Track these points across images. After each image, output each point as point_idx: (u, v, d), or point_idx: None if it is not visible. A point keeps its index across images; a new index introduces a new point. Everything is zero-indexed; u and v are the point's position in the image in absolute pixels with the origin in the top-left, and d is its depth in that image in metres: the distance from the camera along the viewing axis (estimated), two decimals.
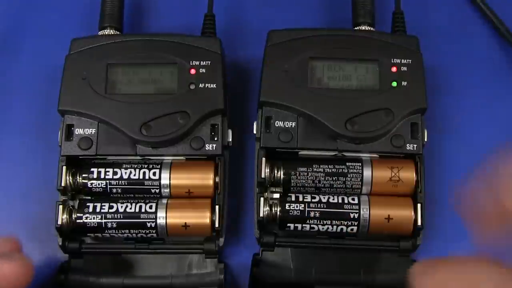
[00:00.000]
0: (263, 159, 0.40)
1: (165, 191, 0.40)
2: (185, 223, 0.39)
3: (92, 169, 0.40)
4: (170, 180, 0.40)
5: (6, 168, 0.45)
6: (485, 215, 0.30)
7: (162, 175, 0.40)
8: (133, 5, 0.48)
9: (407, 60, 0.41)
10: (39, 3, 0.48)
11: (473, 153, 0.44)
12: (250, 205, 0.42)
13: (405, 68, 0.41)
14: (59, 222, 0.39)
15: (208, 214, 0.39)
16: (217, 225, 0.39)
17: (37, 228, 0.43)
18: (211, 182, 0.40)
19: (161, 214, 0.39)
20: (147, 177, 0.40)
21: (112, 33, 0.43)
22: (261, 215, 0.40)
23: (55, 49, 0.42)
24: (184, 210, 0.39)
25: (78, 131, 0.40)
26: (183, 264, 0.41)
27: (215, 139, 0.40)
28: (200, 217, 0.39)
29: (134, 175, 0.40)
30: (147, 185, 0.40)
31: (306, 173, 0.40)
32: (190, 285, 0.40)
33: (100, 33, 0.43)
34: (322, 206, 0.40)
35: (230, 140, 0.41)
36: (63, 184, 0.39)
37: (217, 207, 0.39)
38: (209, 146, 0.40)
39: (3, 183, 0.44)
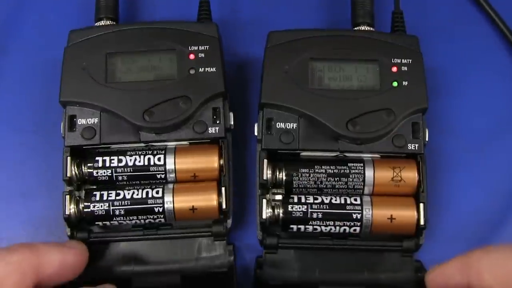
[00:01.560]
0: (265, 160, 0.40)
1: (171, 176, 0.40)
2: (193, 206, 0.39)
3: (97, 158, 0.40)
4: (175, 165, 0.40)
5: (6, 166, 0.45)
6: None
7: (167, 160, 0.40)
8: None
9: (408, 60, 0.41)
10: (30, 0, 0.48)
11: (473, 152, 0.45)
12: (251, 206, 0.43)
13: (405, 68, 0.41)
14: (67, 212, 0.39)
15: (215, 196, 0.40)
16: (224, 206, 0.39)
17: (38, 226, 0.43)
18: (216, 164, 0.40)
19: (168, 198, 0.39)
20: (152, 163, 0.40)
21: (109, 23, 0.43)
22: (264, 217, 0.40)
23: (53, 42, 0.43)
24: (191, 194, 0.40)
25: (81, 121, 0.40)
26: (192, 248, 0.41)
27: (217, 122, 0.40)
28: (207, 200, 0.40)
29: (139, 161, 0.40)
30: (152, 171, 0.40)
31: (308, 174, 0.40)
32: (200, 268, 0.41)
33: (97, 24, 0.43)
34: (324, 207, 0.40)
35: (232, 123, 0.41)
36: (68, 175, 0.40)
37: (223, 189, 0.40)
38: (212, 129, 0.40)
39: (3, 181, 0.44)
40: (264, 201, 0.40)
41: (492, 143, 0.45)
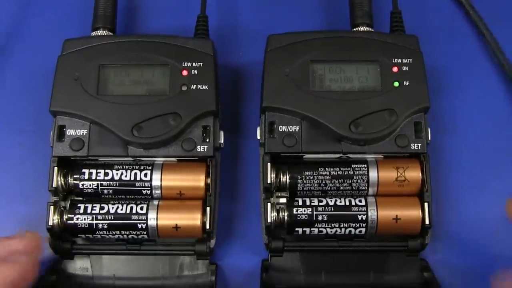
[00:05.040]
0: (269, 164, 0.40)
1: (156, 192, 0.40)
2: (176, 224, 0.39)
3: (83, 170, 0.40)
4: (161, 181, 0.40)
5: (6, 168, 0.45)
6: None
7: (154, 176, 0.40)
8: (127, 6, 0.48)
9: (408, 60, 0.41)
10: (32, 4, 0.49)
11: (473, 151, 0.45)
12: (251, 209, 0.43)
13: (406, 68, 0.41)
14: (50, 223, 0.39)
15: (199, 215, 0.39)
16: (208, 226, 0.39)
17: (38, 226, 0.42)
18: (202, 183, 0.40)
19: (152, 215, 0.39)
20: (138, 178, 0.40)
21: (105, 34, 0.43)
22: (269, 220, 0.39)
23: (54, 45, 0.42)
24: (175, 212, 0.39)
25: (70, 132, 0.40)
26: (174, 265, 0.41)
27: (207, 140, 0.40)
28: (191, 219, 0.39)
29: (126, 176, 0.40)
30: (138, 186, 0.40)
31: (312, 177, 0.40)
32: (182, 286, 0.40)
33: (93, 34, 0.43)
34: (329, 209, 0.40)
35: (222, 141, 0.41)
36: (54, 185, 0.40)
37: (208, 208, 0.39)
38: (200, 148, 0.40)
39: (3, 181, 0.44)
40: (269, 204, 0.40)
41: (493, 141, 0.45)
